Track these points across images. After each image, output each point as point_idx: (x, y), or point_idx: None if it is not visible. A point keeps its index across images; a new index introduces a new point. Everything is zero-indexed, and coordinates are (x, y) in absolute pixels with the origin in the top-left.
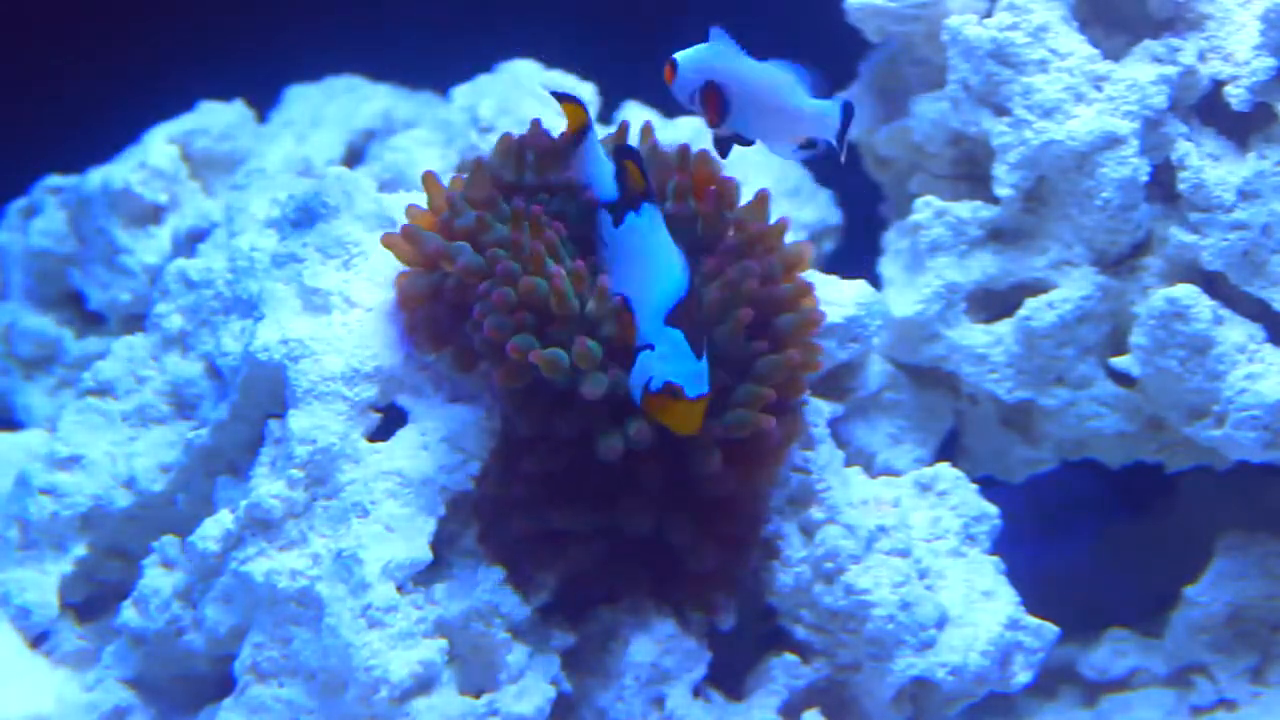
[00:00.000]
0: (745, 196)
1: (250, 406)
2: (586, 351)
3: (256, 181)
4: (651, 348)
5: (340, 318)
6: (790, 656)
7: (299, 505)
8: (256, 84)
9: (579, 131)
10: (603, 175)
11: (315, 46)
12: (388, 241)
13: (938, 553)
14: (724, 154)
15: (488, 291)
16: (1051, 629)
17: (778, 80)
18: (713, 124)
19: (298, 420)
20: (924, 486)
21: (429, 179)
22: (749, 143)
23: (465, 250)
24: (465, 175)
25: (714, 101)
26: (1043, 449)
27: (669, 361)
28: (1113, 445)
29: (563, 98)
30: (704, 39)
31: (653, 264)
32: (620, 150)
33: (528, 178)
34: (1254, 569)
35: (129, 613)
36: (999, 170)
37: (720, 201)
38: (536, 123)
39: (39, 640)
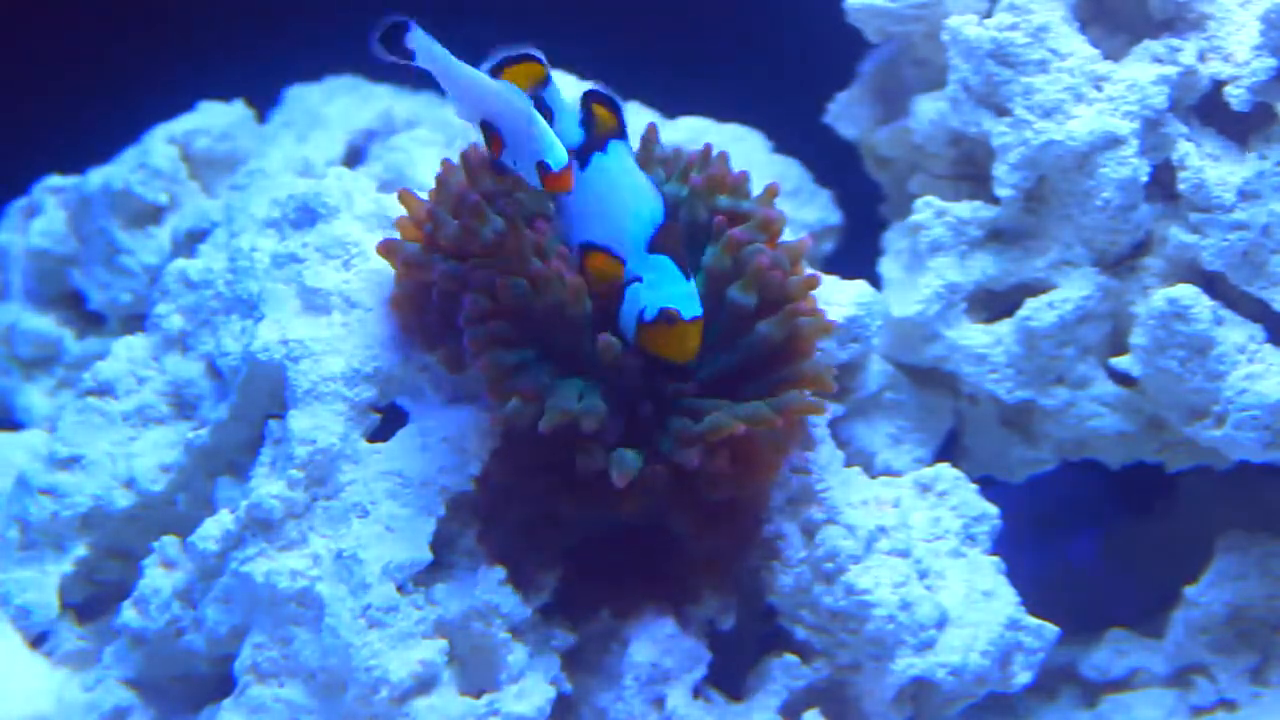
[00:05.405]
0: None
1: (250, 407)
2: (596, 412)
3: (256, 181)
4: (639, 280)
5: (340, 318)
6: (790, 657)
7: (299, 505)
8: (256, 84)
9: (538, 84)
10: (566, 123)
11: (315, 46)
12: (381, 252)
13: (938, 553)
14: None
15: (470, 303)
16: (1052, 629)
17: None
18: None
19: (298, 420)
20: (924, 486)
21: (405, 196)
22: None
23: (438, 260)
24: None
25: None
26: (1043, 449)
27: (658, 288)
28: (1113, 445)
29: (514, 59)
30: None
31: (627, 198)
32: (587, 94)
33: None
34: (1254, 569)
35: (129, 613)
36: (999, 170)
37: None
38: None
39: (39, 640)
